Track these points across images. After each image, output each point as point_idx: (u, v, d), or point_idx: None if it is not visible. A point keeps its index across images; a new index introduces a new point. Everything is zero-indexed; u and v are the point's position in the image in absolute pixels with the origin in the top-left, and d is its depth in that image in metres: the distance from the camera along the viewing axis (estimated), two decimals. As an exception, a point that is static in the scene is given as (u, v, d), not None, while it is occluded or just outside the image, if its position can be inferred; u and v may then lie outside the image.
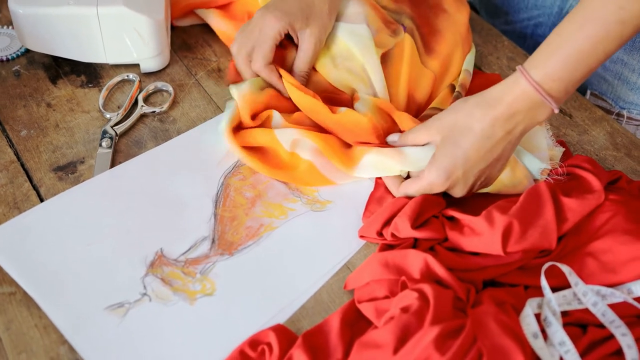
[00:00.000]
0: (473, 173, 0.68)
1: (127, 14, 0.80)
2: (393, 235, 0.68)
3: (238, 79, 0.82)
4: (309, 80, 0.82)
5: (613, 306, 0.62)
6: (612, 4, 0.61)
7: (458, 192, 0.70)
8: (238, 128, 0.77)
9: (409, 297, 0.60)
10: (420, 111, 0.81)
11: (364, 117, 0.75)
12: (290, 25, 0.78)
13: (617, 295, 0.62)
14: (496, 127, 0.66)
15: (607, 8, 0.61)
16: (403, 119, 0.76)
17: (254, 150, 0.77)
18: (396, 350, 0.56)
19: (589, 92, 0.93)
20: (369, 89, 0.79)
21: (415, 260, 0.64)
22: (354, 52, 0.80)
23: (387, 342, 0.57)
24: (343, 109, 0.75)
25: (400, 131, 0.76)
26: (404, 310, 0.60)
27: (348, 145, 0.76)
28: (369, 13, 0.83)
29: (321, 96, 0.78)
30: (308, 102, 0.77)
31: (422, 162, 0.71)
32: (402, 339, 0.57)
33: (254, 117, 0.77)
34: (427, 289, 0.60)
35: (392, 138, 0.75)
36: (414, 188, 0.70)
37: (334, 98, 0.80)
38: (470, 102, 0.68)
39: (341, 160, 0.74)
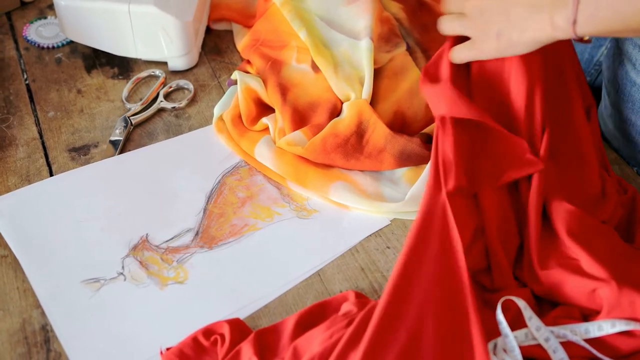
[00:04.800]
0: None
1: (156, 14, 0.85)
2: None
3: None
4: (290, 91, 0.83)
5: (566, 344, 0.61)
6: None
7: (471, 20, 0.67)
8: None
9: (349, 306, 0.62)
10: (407, 128, 0.81)
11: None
12: None
13: (570, 337, 0.61)
14: None
15: None
16: (377, 126, 0.77)
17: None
18: (323, 342, 0.58)
19: None
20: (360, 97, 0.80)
21: None
22: (353, 63, 0.82)
23: (315, 336, 0.59)
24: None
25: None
26: (345, 315, 0.61)
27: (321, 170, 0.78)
28: (373, 27, 0.84)
29: (305, 104, 0.81)
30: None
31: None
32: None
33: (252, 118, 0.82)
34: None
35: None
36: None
37: (318, 105, 0.82)
38: None
39: (314, 185, 0.77)
